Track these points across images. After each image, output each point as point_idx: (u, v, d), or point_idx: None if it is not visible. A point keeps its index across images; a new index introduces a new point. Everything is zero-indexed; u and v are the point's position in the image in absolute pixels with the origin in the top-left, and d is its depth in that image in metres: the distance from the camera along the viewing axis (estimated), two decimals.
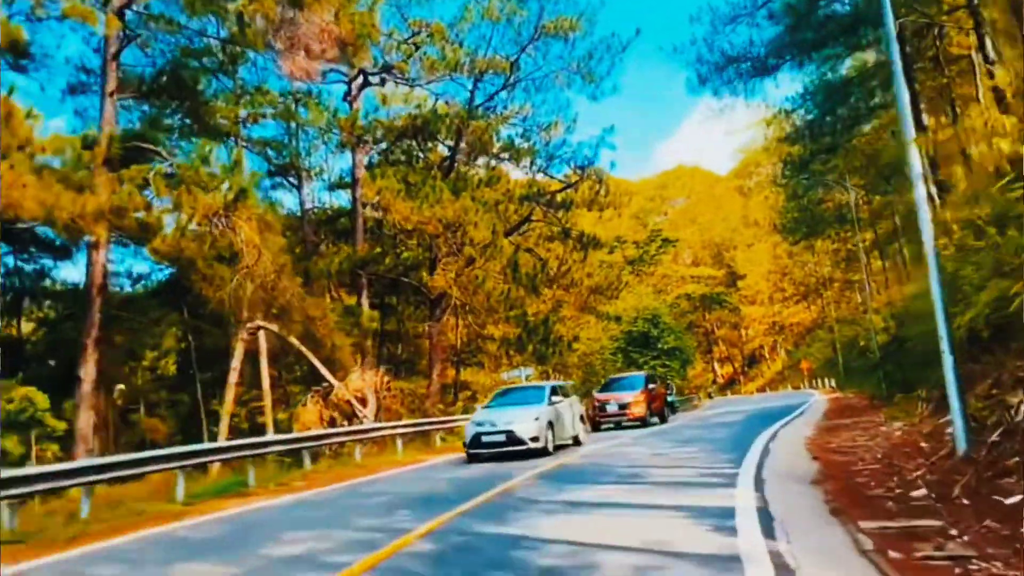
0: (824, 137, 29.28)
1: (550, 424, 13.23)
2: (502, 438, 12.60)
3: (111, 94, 21.69)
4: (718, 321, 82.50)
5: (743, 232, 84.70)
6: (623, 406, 21.06)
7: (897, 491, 7.11)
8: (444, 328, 35.00)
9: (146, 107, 26.35)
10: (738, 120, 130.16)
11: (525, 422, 12.75)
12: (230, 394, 22.95)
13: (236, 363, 23.10)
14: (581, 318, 36.38)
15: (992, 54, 17.29)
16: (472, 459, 13.09)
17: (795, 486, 7.84)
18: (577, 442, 14.97)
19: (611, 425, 21.51)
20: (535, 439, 12.58)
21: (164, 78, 23.99)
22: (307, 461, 12.99)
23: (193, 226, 18.19)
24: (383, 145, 31.59)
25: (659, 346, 42.41)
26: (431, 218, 24.21)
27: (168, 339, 36.54)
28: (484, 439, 12.82)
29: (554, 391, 14.44)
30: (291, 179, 36.49)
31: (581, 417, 15.67)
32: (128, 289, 34.96)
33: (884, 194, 39.63)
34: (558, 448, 13.74)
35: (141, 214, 18.88)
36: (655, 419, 22.46)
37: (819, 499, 7.04)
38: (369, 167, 30.06)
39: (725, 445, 12.68)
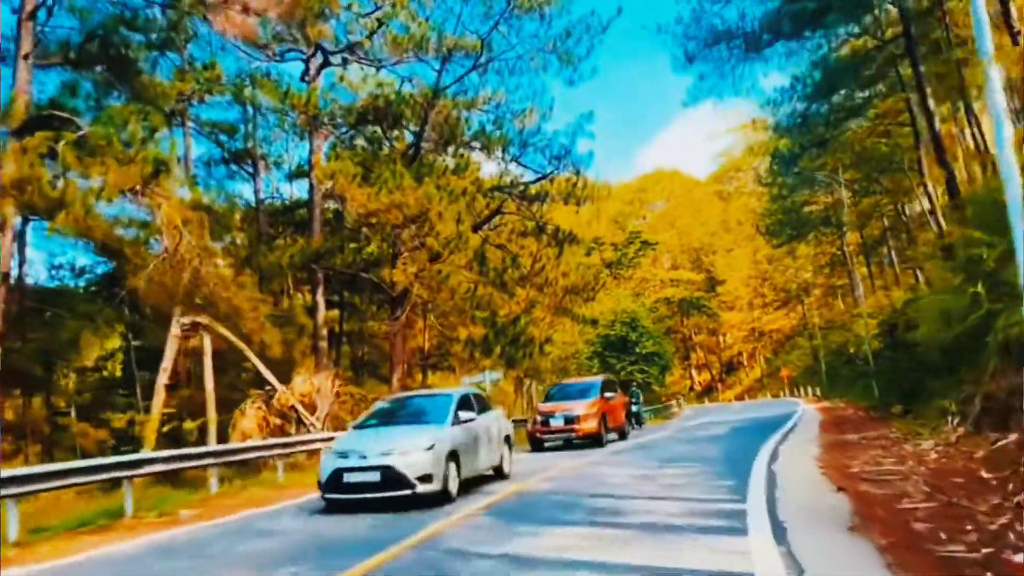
0: (817, 127, 27.46)
1: (453, 454, 9.03)
2: (375, 477, 8.33)
3: (25, 57, 19.15)
4: (696, 327, 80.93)
5: (722, 236, 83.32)
6: (570, 420, 16.86)
7: (985, 550, 4.96)
8: (409, 328, 32.70)
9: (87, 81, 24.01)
10: (719, 123, 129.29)
11: (411, 452, 8.48)
12: (158, 398, 20.47)
13: (167, 363, 20.59)
14: (555, 321, 34.19)
15: (1017, 23, 15.38)
16: (332, 507, 8.87)
17: (830, 535, 5.66)
18: (501, 474, 10.95)
19: (559, 443, 17.44)
20: (426, 478, 8.41)
21: (93, 44, 21.45)
22: (213, 481, 10.62)
23: (110, 203, 15.69)
24: (345, 131, 29.31)
25: (637, 350, 40.40)
26: (390, 205, 21.89)
27: (113, 338, 34.06)
28: (348, 478, 8.48)
29: (464, 403, 10.11)
30: (247, 167, 34.20)
31: (507, 439, 11.37)
32: (71, 283, 32.53)
33: (872, 195, 38.10)
34: (470, 485, 9.81)
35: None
36: (613, 435, 18.69)
37: (875, 561, 4.86)
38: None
39: (719, 466, 10.53)
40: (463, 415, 9.71)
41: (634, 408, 27.15)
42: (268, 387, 22.04)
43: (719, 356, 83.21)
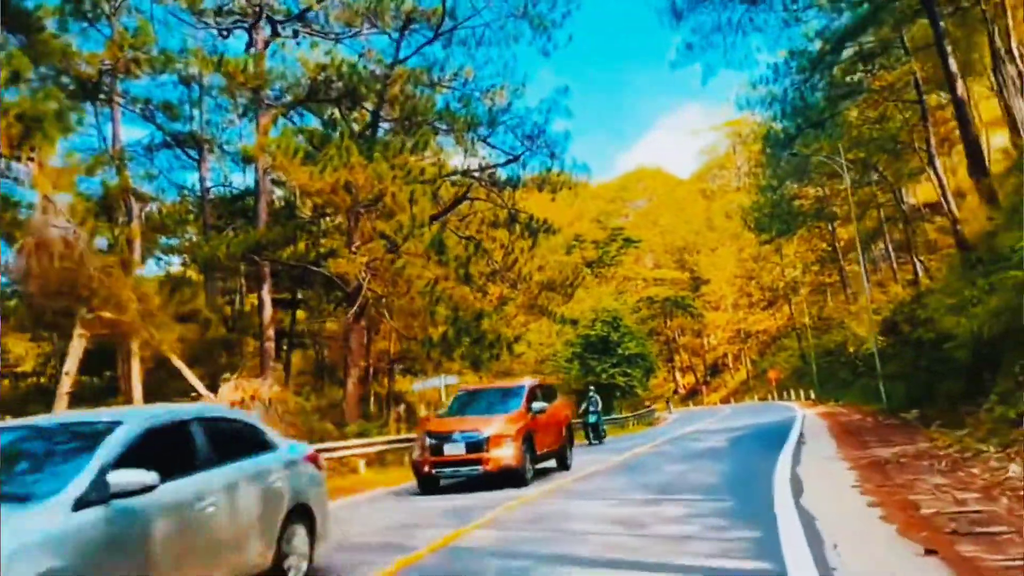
0: (815, 105, 25.00)
1: None
2: None
3: None
4: (680, 329, 78.55)
5: (706, 235, 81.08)
6: (476, 445, 10.74)
7: None
8: (376, 330, 29.86)
9: None
10: (703, 122, 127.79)
11: None
12: (59, 409, 17.39)
13: (70, 366, 17.57)
14: (529, 320, 31.46)
15: None
16: None
17: None
18: None
19: (459, 479, 11.53)
20: None
21: None
22: None
23: None
24: (295, 109, 26.51)
25: (619, 352, 37.65)
26: (335, 185, 19.09)
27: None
28: None
29: (141, 447, 4.10)
30: (191, 152, 31.35)
31: (299, 513, 5.45)
32: None
33: (867, 185, 35.79)
34: None
35: None
36: (550, 462, 12.86)
37: None
38: None
39: (730, 501, 7.79)
40: (127, 478, 3.74)
41: (592, 419, 23.15)
42: (194, 394, 19.13)
43: (703, 358, 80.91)
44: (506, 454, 10.63)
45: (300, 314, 33.58)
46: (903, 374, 22.83)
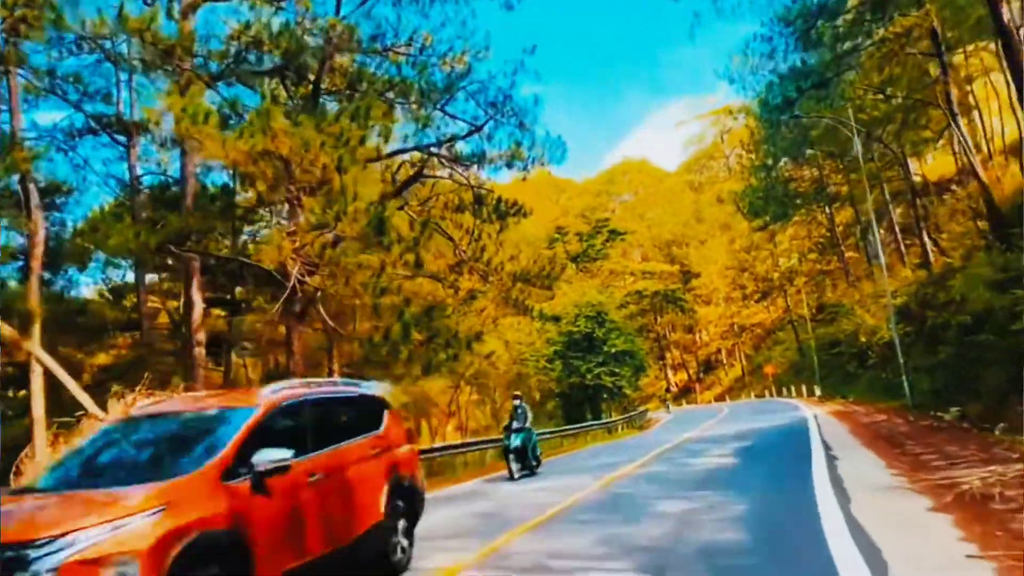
0: (818, 62, 21.88)
1: None
2: None
3: None
4: (670, 324, 75.38)
5: (695, 227, 77.98)
6: None
7: None
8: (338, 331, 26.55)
9: None
10: (689, 114, 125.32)
11: None
12: None
13: None
14: (500, 317, 28.15)
15: None
16: None
17: None
18: None
19: None
20: None
21: None
22: None
23: None
24: (226, 79, 23.12)
25: (605, 349, 34.35)
26: (251, 153, 15.74)
27: None
28: None
29: None
30: (119, 138, 27.99)
31: None
32: None
33: (872, 160, 32.78)
34: None
35: None
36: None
37: None
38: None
39: None
40: None
41: (515, 441, 14.87)
42: (80, 413, 15.76)
43: (696, 355, 77.76)
44: None
45: (251, 317, 30.40)
46: (929, 364, 19.76)
